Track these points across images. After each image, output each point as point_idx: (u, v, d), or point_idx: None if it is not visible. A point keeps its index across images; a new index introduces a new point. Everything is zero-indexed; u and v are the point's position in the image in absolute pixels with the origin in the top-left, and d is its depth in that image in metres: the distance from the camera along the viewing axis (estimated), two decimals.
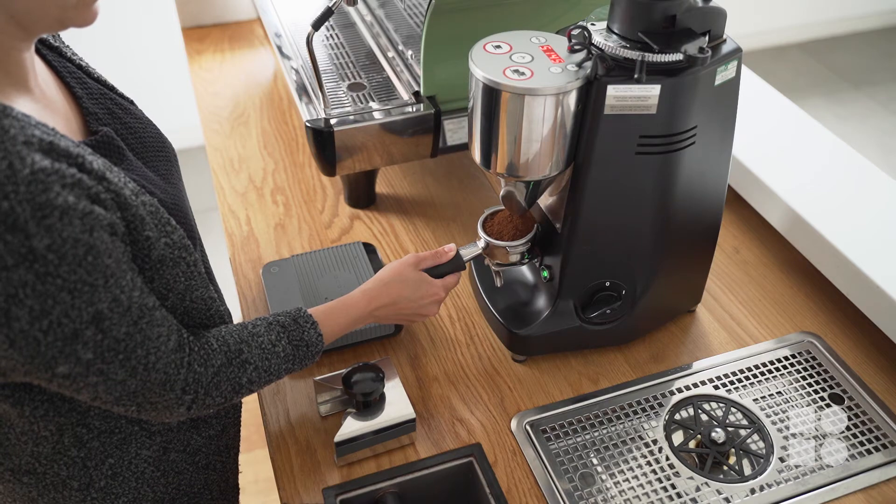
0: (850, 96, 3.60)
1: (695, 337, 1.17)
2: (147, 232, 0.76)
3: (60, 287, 0.66)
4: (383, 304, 0.99)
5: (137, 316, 0.73)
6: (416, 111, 1.25)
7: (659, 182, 0.98)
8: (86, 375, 0.71)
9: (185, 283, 0.82)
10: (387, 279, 1.00)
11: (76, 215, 0.66)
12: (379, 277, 1.01)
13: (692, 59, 0.86)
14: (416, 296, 1.01)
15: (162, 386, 0.77)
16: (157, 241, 0.77)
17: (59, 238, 0.65)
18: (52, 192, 0.65)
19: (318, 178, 1.46)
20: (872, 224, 1.21)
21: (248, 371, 0.85)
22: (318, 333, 0.92)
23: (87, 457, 0.84)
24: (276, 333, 0.89)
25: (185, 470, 0.94)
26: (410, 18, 1.39)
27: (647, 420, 1.04)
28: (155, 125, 0.95)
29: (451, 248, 1.06)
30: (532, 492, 0.96)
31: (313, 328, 0.92)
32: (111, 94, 0.90)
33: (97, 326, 0.69)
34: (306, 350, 0.91)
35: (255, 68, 1.78)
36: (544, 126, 0.92)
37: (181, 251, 0.81)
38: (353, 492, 0.95)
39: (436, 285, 1.03)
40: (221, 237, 1.37)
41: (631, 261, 1.05)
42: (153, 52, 2.90)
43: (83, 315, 0.68)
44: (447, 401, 1.07)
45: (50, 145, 0.68)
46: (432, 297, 1.03)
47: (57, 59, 0.86)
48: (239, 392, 0.85)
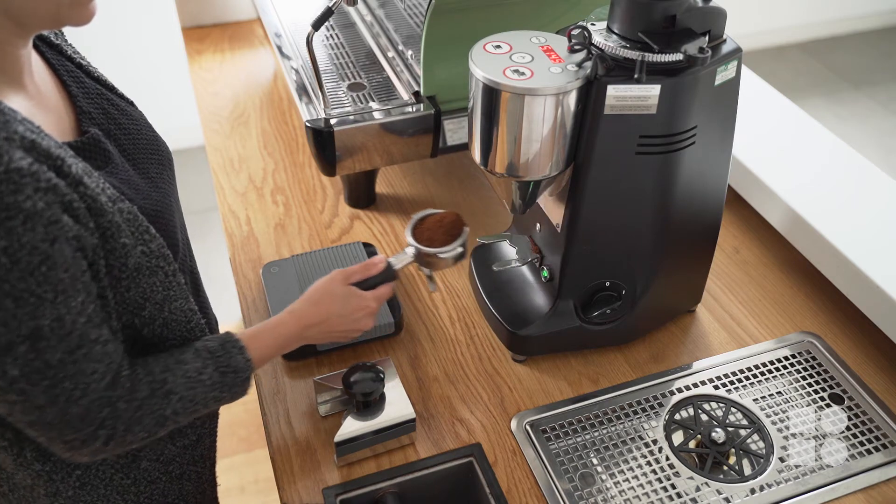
0: (850, 96, 3.60)
1: (695, 337, 1.17)
2: (123, 239, 0.74)
3: (6, 293, 0.64)
4: (312, 322, 0.94)
5: (76, 345, 0.70)
6: (416, 111, 1.25)
7: (659, 182, 0.98)
8: (5, 391, 0.68)
9: (164, 293, 0.81)
10: (314, 297, 0.96)
11: (41, 222, 0.65)
12: (306, 296, 0.96)
13: (692, 59, 0.86)
14: (347, 311, 0.96)
15: (80, 420, 0.73)
16: (134, 248, 0.76)
17: (17, 242, 0.64)
18: (22, 193, 0.64)
19: (318, 178, 1.46)
20: (872, 224, 1.21)
21: (173, 402, 0.80)
22: (245, 358, 0.86)
23: (53, 469, 0.83)
24: (203, 360, 0.84)
25: (158, 479, 0.92)
26: (410, 18, 1.39)
27: (647, 420, 1.04)
28: (152, 128, 0.94)
29: (380, 259, 1.02)
30: (532, 492, 0.96)
31: (241, 353, 0.86)
32: (108, 95, 0.89)
33: (32, 344, 0.67)
34: (234, 376, 0.85)
35: (255, 68, 1.78)
36: (544, 126, 0.92)
37: (159, 260, 0.79)
38: (353, 492, 0.95)
39: (366, 297, 0.98)
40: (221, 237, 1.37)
41: (631, 261, 1.05)
42: (153, 52, 2.89)
43: (21, 328, 0.66)
44: (447, 401, 1.07)
45: (32, 143, 0.67)
46: (363, 310, 0.98)
47: (56, 57, 0.86)
48: (163, 425, 0.80)
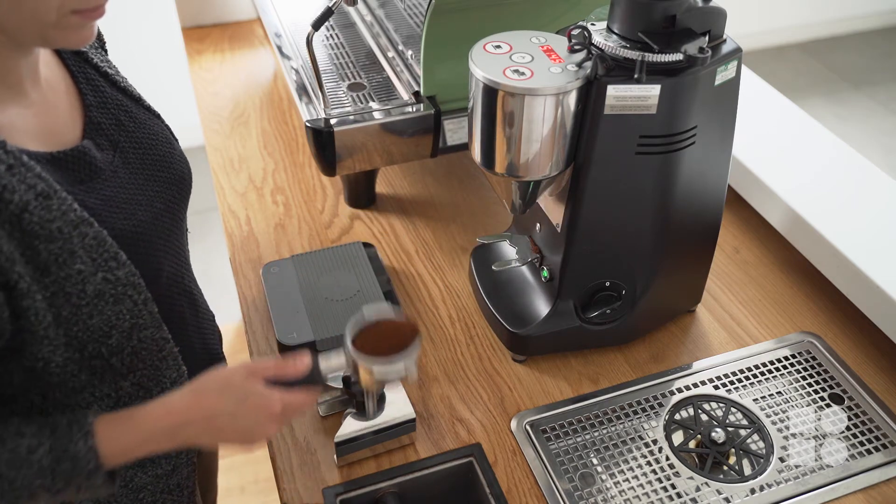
0: (850, 96, 3.60)
1: (695, 337, 1.17)
2: (78, 265, 0.72)
3: None
4: (189, 419, 0.76)
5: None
6: (416, 111, 1.25)
7: (659, 182, 0.98)
8: None
9: (131, 322, 0.78)
10: (202, 388, 0.77)
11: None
12: (194, 384, 0.78)
13: (692, 59, 0.86)
14: (240, 411, 0.76)
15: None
16: (93, 275, 0.74)
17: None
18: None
19: (318, 178, 1.46)
20: (873, 224, 1.21)
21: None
22: (88, 447, 0.72)
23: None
24: (41, 437, 0.71)
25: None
26: (410, 18, 1.39)
27: (647, 420, 1.04)
28: (171, 144, 0.91)
29: (304, 360, 0.81)
30: (532, 492, 0.96)
31: (83, 439, 0.72)
32: (129, 106, 0.88)
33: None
34: (70, 465, 0.71)
35: (255, 68, 1.78)
36: (544, 126, 0.92)
37: (126, 288, 0.77)
38: (353, 492, 0.95)
39: (269, 397, 0.77)
40: (221, 237, 1.37)
41: (631, 261, 1.05)
42: (153, 52, 2.89)
43: None
44: (447, 401, 1.07)
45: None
46: (263, 410, 0.76)
47: (80, 64, 0.85)
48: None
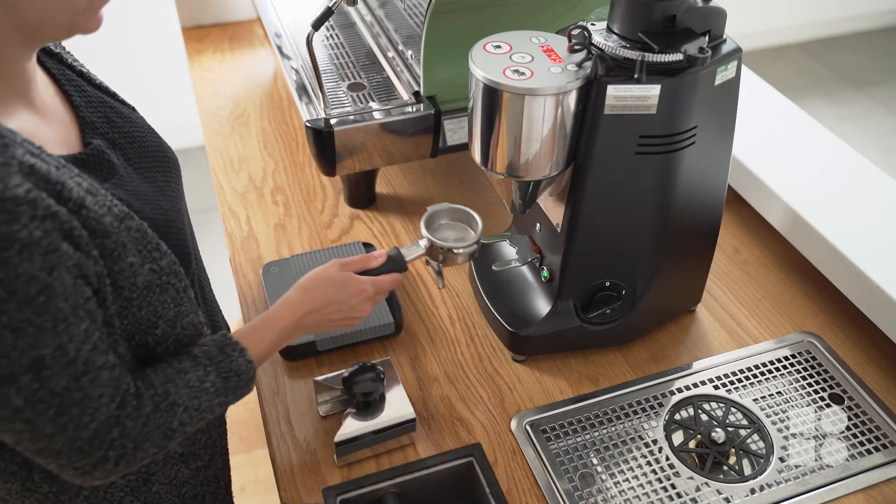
0: (850, 96, 3.60)
1: (695, 337, 1.17)
2: (130, 259, 0.73)
3: (4, 324, 0.63)
4: (308, 310, 0.92)
5: (81, 371, 0.68)
6: (416, 111, 1.25)
7: (659, 182, 0.98)
8: (11, 421, 0.67)
9: (175, 310, 0.80)
10: (308, 285, 0.94)
11: (38, 251, 0.63)
12: (300, 284, 0.94)
13: (692, 59, 0.86)
14: (343, 297, 0.94)
15: (90, 443, 0.71)
16: (142, 267, 0.75)
17: (13, 273, 0.62)
18: (17, 223, 0.62)
19: (318, 178, 1.46)
20: (873, 224, 1.21)
21: (178, 413, 0.78)
22: (247, 360, 0.85)
23: (60, 490, 0.81)
24: (204, 368, 0.81)
25: (170, 502, 0.91)
26: (410, 18, 1.39)
27: (647, 420, 1.04)
28: (157, 133, 0.93)
29: (380, 253, 1.00)
30: (532, 492, 0.96)
31: (241, 356, 0.84)
32: (111, 102, 0.88)
33: (35, 374, 0.65)
34: (237, 380, 0.84)
35: (255, 68, 1.78)
36: (544, 126, 0.92)
37: (170, 277, 0.78)
38: (353, 492, 0.95)
39: (363, 282, 0.95)
40: (221, 237, 1.37)
41: (631, 261, 1.05)
42: (153, 53, 2.89)
43: (23, 359, 0.64)
44: (447, 401, 1.07)
45: (31, 168, 0.65)
46: (360, 294, 0.95)
47: (57, 66, 0.85)
48: (172, 438, 0.78)
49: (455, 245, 1.01)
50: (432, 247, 1.01)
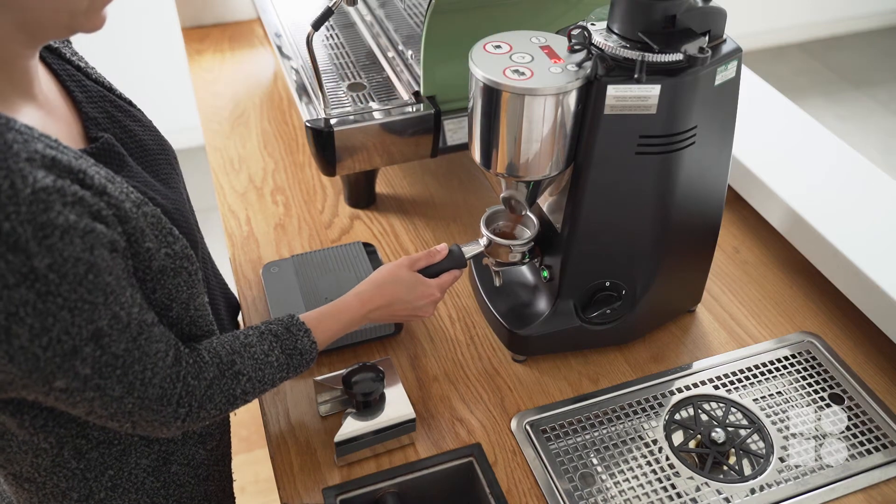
0: (850, 96, 3.60)
1: (695, 337, 1.17)
2: (147, 244, 0.76)
3: (61, 306, 0.66)
4: (378, 306, 0.98)
5: (136, 332, 0.73)
6: (416, 111, 1.25)
7: (659, 182, 0.98)
8: (83, 390, 0.71)
9: (188, 293, 0.82)
10: (380, 281, 0.99)
11: (77, 234, 0.66)
12: (373, 279, 1.00)
13: (692, 59, 0.86)
14: (411, 297, 1.00)
15: (158, 401, 0.76)
16: (158, 251, 0.77)
17: (60, 257, 0.65)
18: (53, 211, 0.65)
19: (318, 178, 1.46)
20: (873, 224, 1.21)
21: (242, 382, 0.85)
22: (311, 341, 0.91)
23: (87, 468, 0.84)
24: (269, 343, 0.88)
25: (186, 483, 0.94)
26: (410, 18, 1.39)
27: (647, 420, 1.04)
28: (155, 128, 0.94)
29: (442, 247, 1.05)
30: (532, 492, 0.96)
31: (306, 336, 0.91)
32: (111, 97, 0.89)
33: (96, 343, 0.69)
34: (300, 358, 0.90)
35: (255, 68, 1.78)
36: (544, 126, 0.92)
37: (183, 261, 0.81)
38: (353, 492, 0.95)
39: (431, 286, 1.02)
40: (221, 237, 1.37)
41: (631, 261, 1.05)
42: (153, 53, 2.90)
43: (83, 332, 0.68)
44: (447, 401, 1.07)
45: (52, 161, 0.67)
46: (428, 297, 1.02)
47: (57, 61, 0.86)
48: (234, 403, 0.85)
49: (514, 242, 1.06)
50: (491, 245, 1.07)
